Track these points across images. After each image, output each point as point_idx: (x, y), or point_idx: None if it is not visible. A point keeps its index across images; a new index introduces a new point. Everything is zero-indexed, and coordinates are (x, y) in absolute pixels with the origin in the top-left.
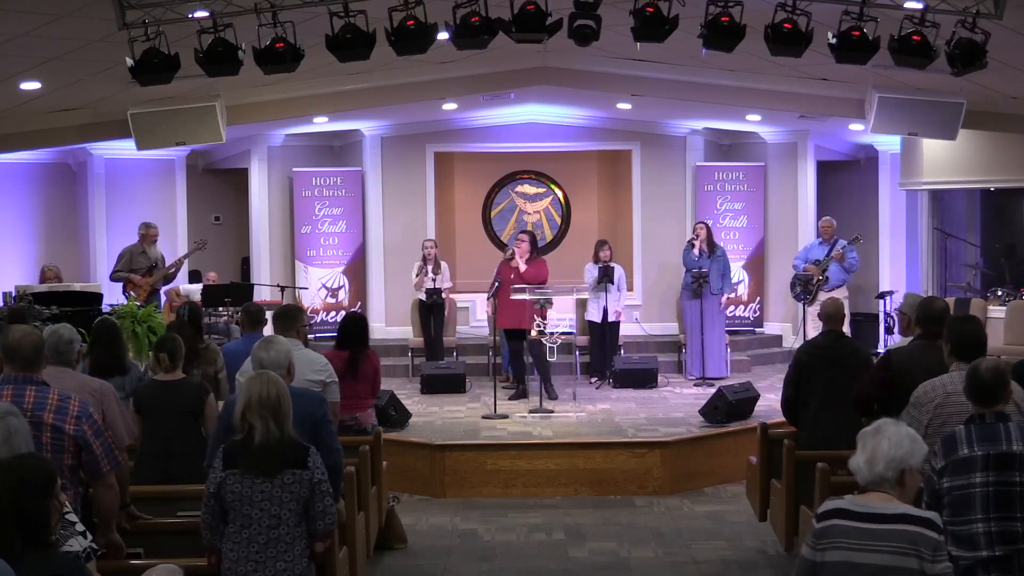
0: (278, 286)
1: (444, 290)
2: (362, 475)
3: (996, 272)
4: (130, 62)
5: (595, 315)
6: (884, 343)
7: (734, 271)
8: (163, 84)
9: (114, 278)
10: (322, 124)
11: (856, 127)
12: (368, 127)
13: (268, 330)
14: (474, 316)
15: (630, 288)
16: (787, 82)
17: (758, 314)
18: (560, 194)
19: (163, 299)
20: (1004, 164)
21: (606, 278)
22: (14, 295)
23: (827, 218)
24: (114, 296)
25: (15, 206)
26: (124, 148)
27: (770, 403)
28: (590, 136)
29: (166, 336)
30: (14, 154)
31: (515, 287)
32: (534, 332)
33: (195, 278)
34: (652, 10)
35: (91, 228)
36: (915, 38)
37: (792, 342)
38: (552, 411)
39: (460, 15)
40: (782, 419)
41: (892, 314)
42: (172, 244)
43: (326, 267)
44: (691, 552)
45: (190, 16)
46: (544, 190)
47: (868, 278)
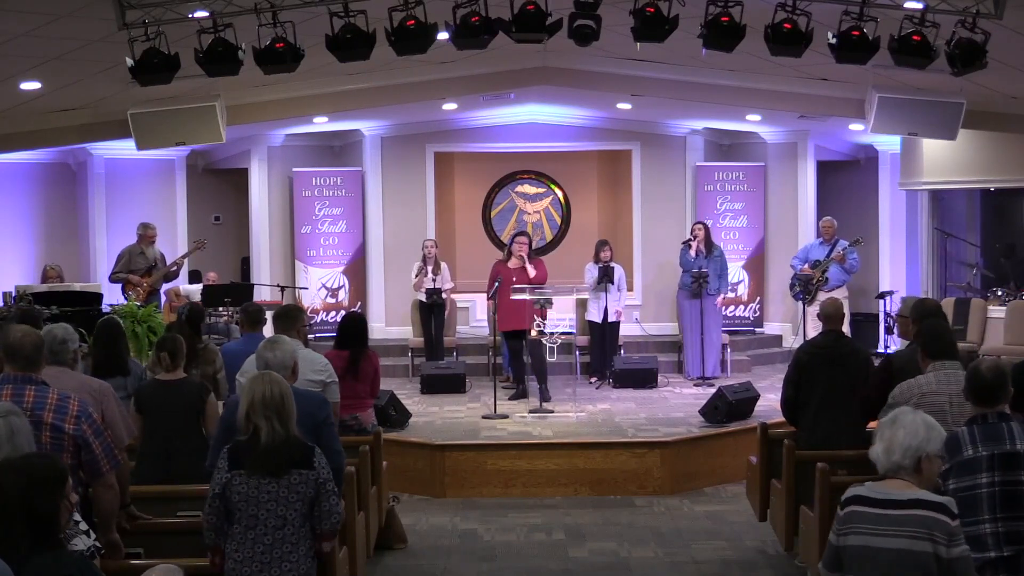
0: (278, 286)
1: (446, 290)
2: (362, 475)
3: (996, 272)
4: (130, 62)
5: (595, 315)
6: (884, 343)
7: (734, 271)
8: (163, 84)
9: (113, 279)
10: (322, 124)
11: (856, 127)
12: (368, 127)
13: (268, 330)
14: (474, 316)
15: (630, 288)
16: (787, 82)
17: (758, 314)
18: (560, 194)
19: (163, 299)
20: (1004, 164)
21: (606, 278)
22: (14, 295)
23: (828, 218)
24: (114, 296)
25: (15, 206)
26: (124, 148)
27: (770, 403)
28: (590, 136)
29: (167, 336)
30: (14, 154)
31: (515, 287)
32: (534, 332)
33: (195, 278)
34: (652, 10)
35: (91, 228)
36: (915, 38)
37: (792, 342)
38: (552, 411)
39: (460, 15)
40: (782, 419)
41: (892, 314)
42: (172, 244)
43: (326, 267)
44: (691, 552)
45: (190, 16)
46: (544, 190)
47: (868, 278)
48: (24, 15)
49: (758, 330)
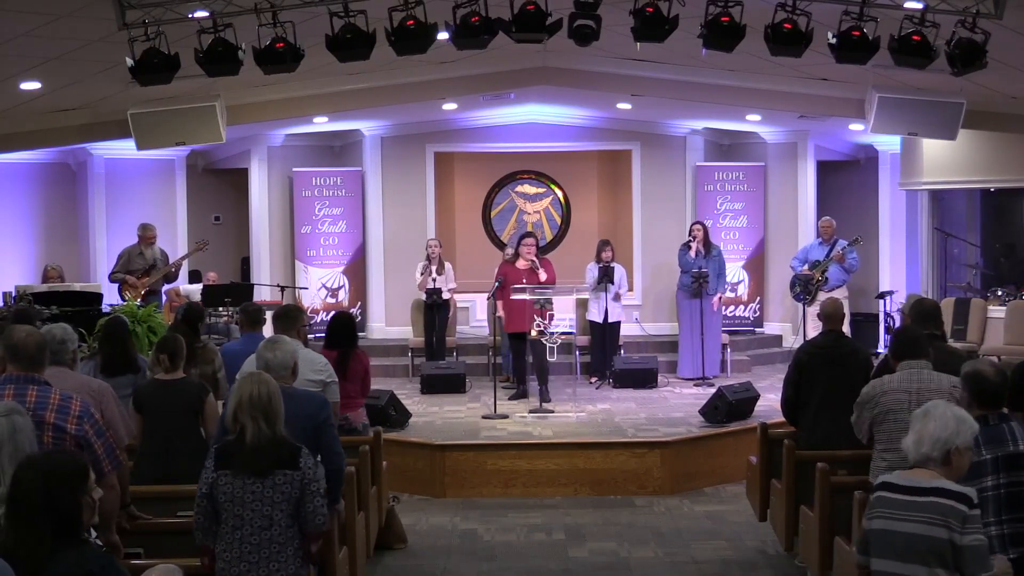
0: (278, 286)
1: (449, 290)
2: (362, 475)
3: (996, 272)
4: (130, 62)
5: (595, 315)
6: (884, 343)
7: (735, 271)
8: (163, 84)
9: (111, 279)
10: (322, 124)
11: (856, 127)
12: (368, 127)
13: (268, 330)
14: (474, 316)
15: (630, 288)
16: (787, 82)
17: (758, 314)
18: (560, 194)
19: (163, 299)
20: (1004, 164)
21: (606, 278)
22: (14, 295)
23: (827, 218)
24: (114, 296)
25: (15, 206)
26: (124, 148)
27: (770, 403)
28: (590, 136)
29: (167, 336)
30: (14, 154)
31: (515, 287)
32: (534, 332)
33: (195, 278)
34: (652, 10)
35: (91, 228)
36: (915, 38)
37: (792, 342)
38: (552, 411)
39: (460, 15)
40: (782, 419)
41: (892, 314)
42: (172, 244)
43: (326, 267)
44: (691, 552)
45: (190, 16)
46: (544, 190)
47: (868, 278)
48: (24, 15)
49: (758, 330)
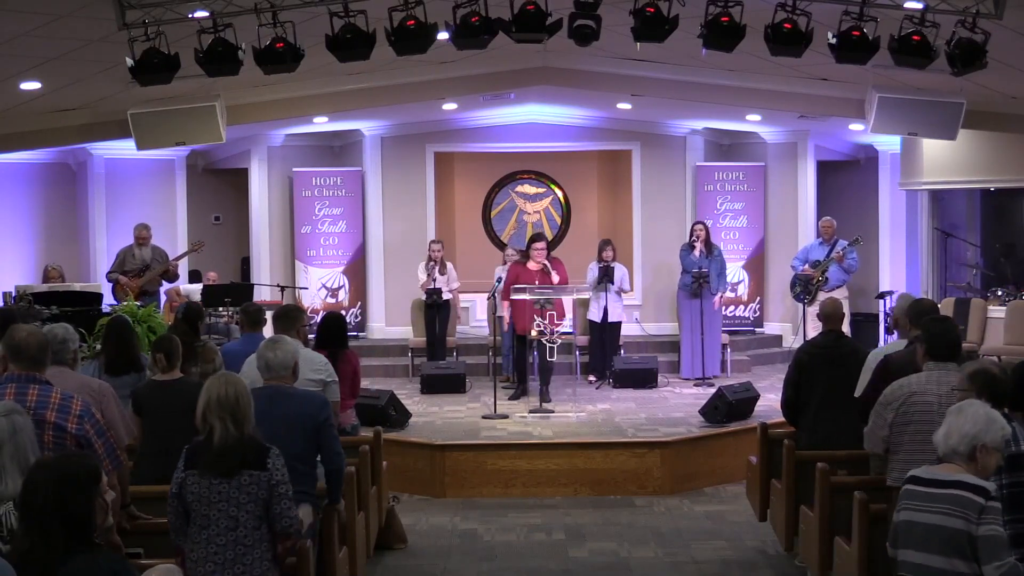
0: (278, 286)
1: (451, 290)
2: (362, 475)
3: (996, 272)
4: (130, 62)
5: (596, 315)
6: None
7: (734, 271)
8: (163, 84)
9: (108, 279)
10: (322, 124)
11: (856, 127)
12: (368, 127)
13: (268, 330)
14: (474, 316)
15: (630, 288)
16: (787, 82)
17: (758, 314)
18: (560, 194)
19: (163, 299)
20: (1004, 164)
21: (606, 278)
22: (14, 295)
23: (827, 218)
24: (111, 297)
25: (15, 206)
26: (124, 148)
27: (770, 403)
28: (590, 136)
29: (163, 336)
30: (14, 154)
31: (515, 287)
32: (534, 332)
33: (195, 278)
34: (652, 10)
35: (91, 228)
36: (915, 38)
37: (792, 342)
38: (552, 411)
39: (460, 15)
40: (782, 419)
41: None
42: (172, 244)
43: (326, 267)
44: (691, 552)
45: (190, 16)
46: (544, 190)
47: (868, 278)
48: (24, 15)
49: (758, 330)
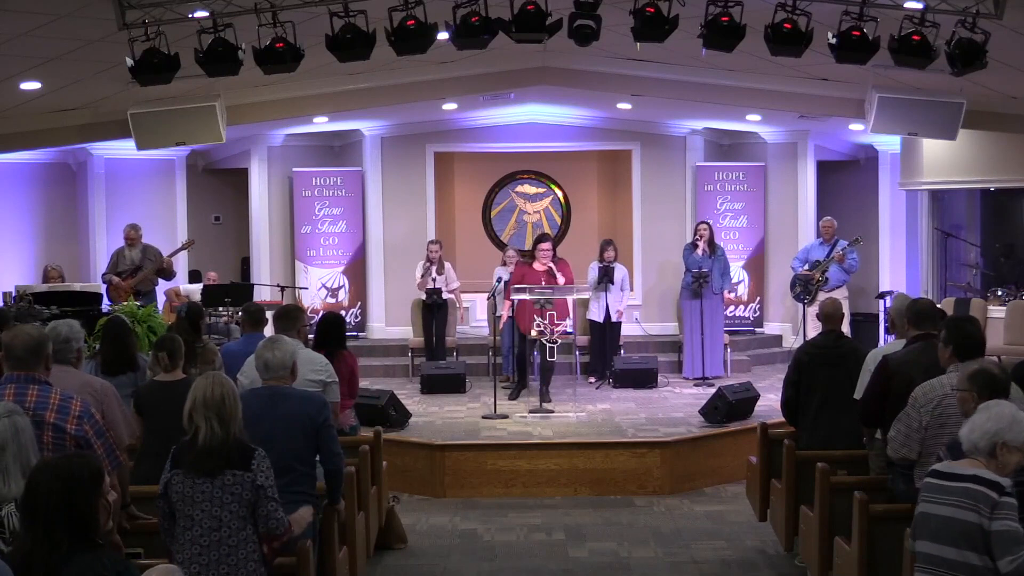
0: (278, 286)
1: (452, 289)
2: (362, 475)
3: (996, 272)
4: (130, 62)
5: (596, 315)
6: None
7: (735, 271)
8: (163, 84)
9: (103, 280)
10: (322, 124)
11: (856, 127)
12: (368, 127)
13: (269, 330)
14: (474, 316)
15: (631, 288)
16: (787, 82)
17: (758, 314)
18: (560, 194)
19: (162, 299)
20: (1004, 164)
21: (606, 278)
22: (14, 295)
23: (828, 218)
24: None
25: (15, 206)
26: (124, 148)
27: (770, 403)
28: (590, 136)
29: (166, 336)
30: (14, 154)
31: (515, 287)
32: (534, 332)
33: (195, 278)
34: (652, 10)
35: (91, 228)
36: (915, 38)
37: (792, 342)
38: (552, 411)
39: (460, 15)
40: (782, 419)
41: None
42: (172, 244)
43: (326, 267)
44: (691, 552)
45: (190, 16)
46: (544, 190)
47: (868, 278)
48: (24, 15)
49: (758, 330)
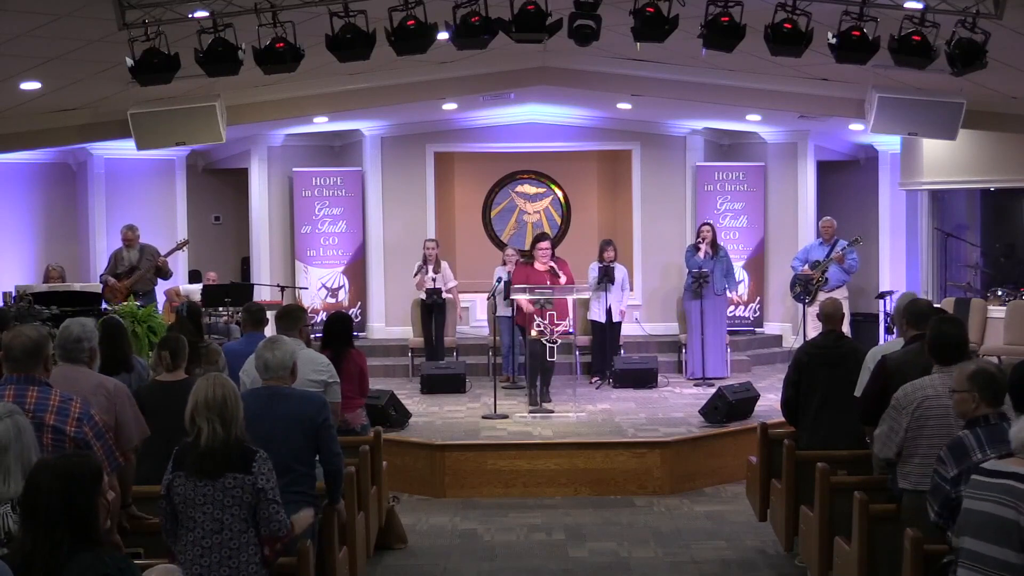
0: (278, 286)
1: (451, 289)
2: (362, 475)
3: (996, 272)
4: (130, 62)
5: (597, 315)
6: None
7: (735, 271)
8: (163, 84)
9: (100, 281)
10: (322, 124)
11: (856, 127)
12: (368, 127)
13: (269, 330)
14: (474, 316)
15: (631, 288)
16: (787, 82)
17: (758, 314)
18: (560, 194)
19: (162, 299)
20: (1004, 164)
21: (606, 278)
22: (14, 295)
23: (827, 218)
24: None
25: (15, 206)
26: (124, 148)
27: (770, 403)
28: (590, 136)
29: (170, 335)
30: (14, 154)
31: (515, 287)
32: (534, 332)
33: (195, 278)
34: (652, 10)
35: (91, 228)
36: (915, 38)
37: (792, 342)
38: (552, 411)
39: (460, 15)
40: (782, 419)
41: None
42: (171, 245)
43: (326, 267)
44: (691, 552)
45: (190, 16)
46: (544, 190)
47: (868, 278)
48: (24, 15)
49: (758, 330)
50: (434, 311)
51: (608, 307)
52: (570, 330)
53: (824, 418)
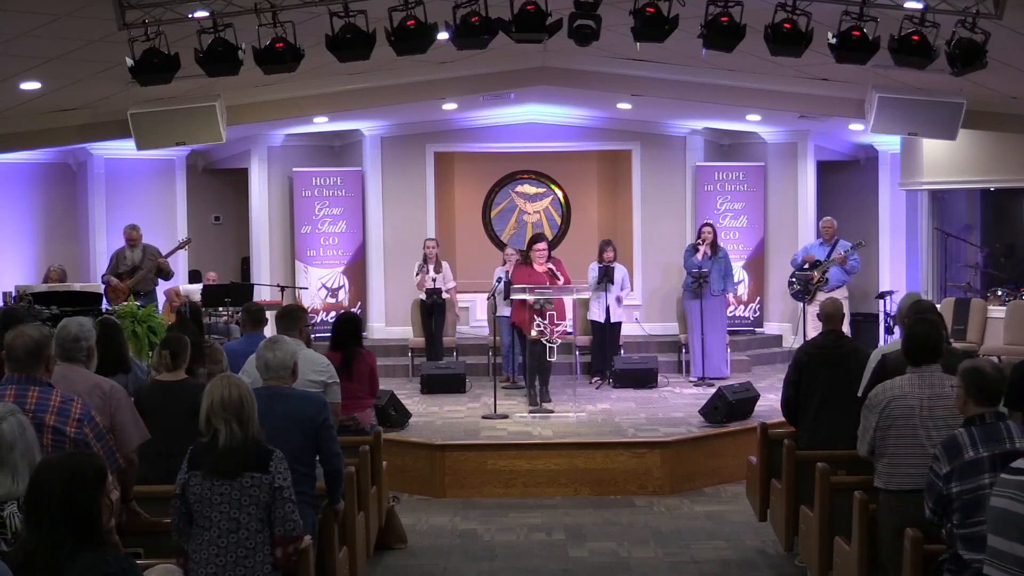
0: (278, 286)
1: (450, 289)
2: (362, 475)
3: (996, 272)
4: (130, 62)
5: (597, 315)
6: (884, 343)
7: (734, 271)
8: (163, 84)
9: (102, 281)
10: (322, 124)
11: (856, 127)
12: (368, 127)
13: (269, 330)
14: (474, 316)
15: (631, 288)
16: (787, 82)
17: (758, 314)
18: (560, 194)
19: (162, 299)
20: (1004, 164)
21: (606, 278)
22: (14, 295)
23: (828, 218)
24: None
25: (15, 206)
26: (124, 148)
27: (770, 403)
28: (590, 136)
29: (172, 335)
30: (14, 154)
31: (515, 287)
32: (534, 332)
33: (195, 278)
34: (652, 10)
35: (91, 228)
36: (915, 38)
37: (792, 342)
38: (552, 411)
39: (460, 15)
40: (782, 419)
41: (892, 314)
42: (172, 244)
43: (326, 267)
44: (691, 552)
45: (190, 16)
46: (544, 190)
47: (868, 278)
48: (24, 15)
49: (758, 330)
50: (434, 311)
51: (607, 307)
52: (570, 330)
53: (824, 418)
